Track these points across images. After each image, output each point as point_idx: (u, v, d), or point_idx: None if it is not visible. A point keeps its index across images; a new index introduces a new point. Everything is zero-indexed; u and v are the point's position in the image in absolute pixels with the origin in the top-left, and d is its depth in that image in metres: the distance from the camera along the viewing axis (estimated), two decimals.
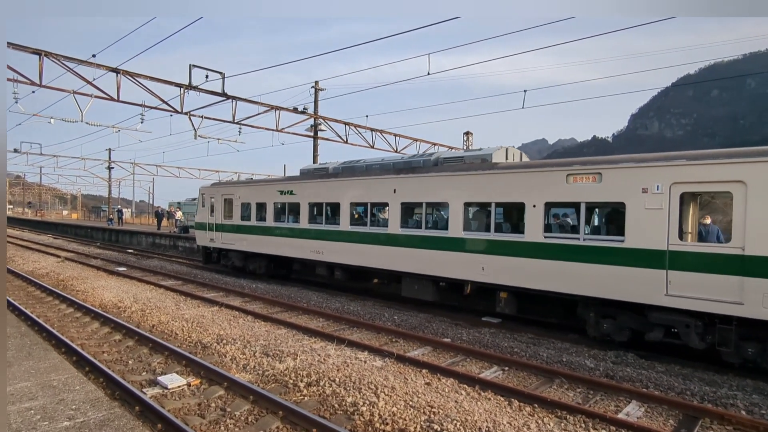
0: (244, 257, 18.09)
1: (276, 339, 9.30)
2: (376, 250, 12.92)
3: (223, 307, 12.30)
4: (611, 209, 9.26)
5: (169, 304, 12.60)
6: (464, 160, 11.56)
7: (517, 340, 9.94)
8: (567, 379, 7.44)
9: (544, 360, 8.36)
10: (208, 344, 8.99)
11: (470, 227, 11.11)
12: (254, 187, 17.34)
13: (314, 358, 8.03)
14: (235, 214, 18.04)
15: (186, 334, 9.71)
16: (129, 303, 12.48)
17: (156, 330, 10.13)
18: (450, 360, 8.47)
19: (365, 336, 10.05)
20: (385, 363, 8.07)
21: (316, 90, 24.45)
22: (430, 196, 11.76)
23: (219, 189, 19.06)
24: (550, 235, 9.71)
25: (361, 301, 13.92)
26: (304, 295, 14.36)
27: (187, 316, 11.00)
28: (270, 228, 16.42)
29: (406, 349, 9.16)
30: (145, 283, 16.02)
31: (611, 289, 8.85)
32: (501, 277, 10.39)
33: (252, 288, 15.28)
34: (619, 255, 8.71)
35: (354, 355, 8.43)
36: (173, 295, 14.02)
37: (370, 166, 13.79)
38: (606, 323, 9.28)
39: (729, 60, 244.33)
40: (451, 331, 10.29)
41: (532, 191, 9.85)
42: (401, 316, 11.53)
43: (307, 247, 14.94)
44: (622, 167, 8.70)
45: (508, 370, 8.02)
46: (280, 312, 12.26)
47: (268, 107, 21.73)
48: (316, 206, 15.06)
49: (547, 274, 9.65)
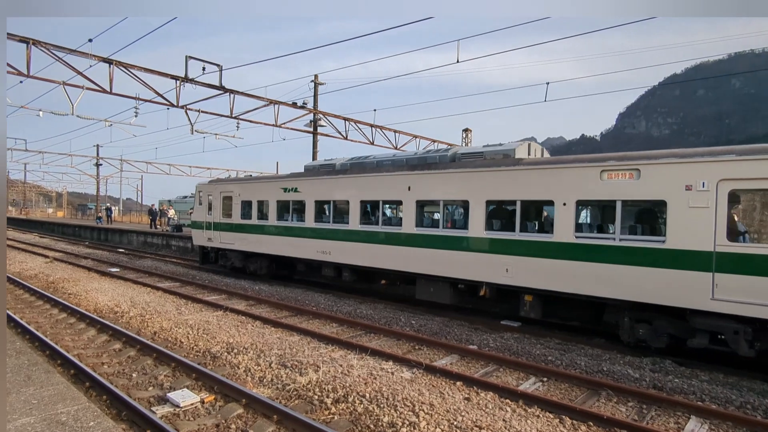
0: (244, 257, 17.32)
1: (291, 347, 8.63)
2: (389, 251, 12.28)
3: (228, 312, 11.58)
4: (650, 208, 8.72)
5: (170, 308, 11.84)
6: (485, 155, 10.96)
7: (545, 346, 9.39)
8: (614, 391, 6.88)
9: (582, 369, 7.80)
10: (218, 354, 8.29)
11: (493, 226, 10.52)
12: (255, 184, 16.58)
13: (337, 370, 7.39)
14: (234, 212, 17.27)
15: (192, 342, 8.99)
16: (126, 307, 11.70)
17: (158, 338, 9.40)
18: (482, 370, 7.87)
19: (385, 343, 9.41)
20: (415, 374, 7.45)
21: (316, 84, 23.72)
22: (448, 193, 11.15)
23: (217, 186, 18.26)
24: (582, 235, 9.15)
25: (371, 303, 13.29)
26: (310, 297, 13.67)
27: (191, 322, 10.27)
28: (272, 227, 15.69)
29: (431, 357, 8.55)
30: (141, 285, 15.21)
31: (649, 292, 8.32)
32: (527, 279, 9.82)
33: (255, 290, 14.55)
34: (660, 256, 8.18)
35: (378, 365, 7.80)
36: (173, 298, 13.25)
37: (380, 162, 13.14)
38: (642, 328, 8.75)
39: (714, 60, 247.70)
40: (475, 337, 9.69)
41: (563, 188, 9.28)
42: (418, 321, 10.91)
43: (313, 247, 14.25)
44: (663, 163, 8.16)
45: (547, 381, 7.44)
46: (289, 316, 11.58)
47: (267, 101, 20.96)
48: (323, 204, 14.37)
49: (578, 276, 9.10)
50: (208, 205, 18.56)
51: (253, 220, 16.46)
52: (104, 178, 56.41)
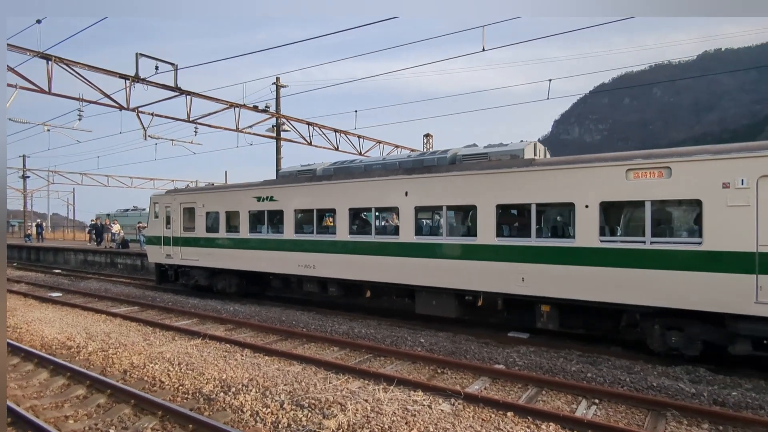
0: (211, 275, 15.66)
1: (297, 380, 7.39)
2: (384, 262, 11.25)
3: (208, 339, 10.08)
4: (683, 208, 8.27)
5: (136, 338, 10.16)
6: (489, 157, 10.22)
7: (570, 359, 8.71)
8: (680, 411, 6.22)
9: (630, 386, 7.12)
10: (212, 395, 6.91)
11: (505, 232, 9.78)
12: (223, 193, 15.02)
13: (365, 407, 6.27)
14: (198, 225, 15.58)
15: (176, 381, 7.53)
16: (82, 340, 9.91)
17: (131, 377, 7.84)
18: (524, 395, 7.01)
19: (402, 367, 8.36)
20: (455, 407, 6.46)
21: (278, 87, 22.33)
22: (452, 198, 10.30)
23: (176, 197, 16.46)
24: (607, 239, 8.57)
25: (362, 320, 12.18)
26: (294, 317, 12.35)
27: (168, 355, 8.74)
28: (245, 240, 14.21)
29: (460, 382, 7.61)
30: (92, 311, 13.23)
31: (684, 297, 7.83)
32: (546, 289, 9.12)
33: (230, 311, 13.01)
34: (696, 259, 7.70)
35: (408, 397, 6.75)
36: (136, 325, 11.50)
37: (369, 167, 12.12)
38: (674, 336, 8.25)
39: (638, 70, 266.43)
40: (496, 354, 8.85)
41: (584, 189, 8.68)
42: (426, 339, 9.91)
43: (293, 260, 12.95)
44: (696, 160, 7.71)
45: (600, 402, 6.69)
46: (279, 341, 10.25)
47: (227, 104, 19.35)
48: (305, 214, 13.12)
49: (603, 283, 8.50)
50: (166, 218, 16.70)
51: (221, 233, 14.88)
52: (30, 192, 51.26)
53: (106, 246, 27.68)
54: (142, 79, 16.58)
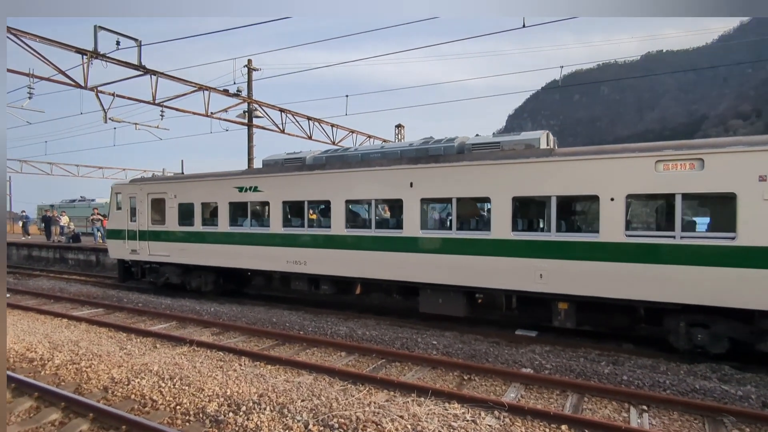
0: (184, 272, 14.35)
1: (315, 394, 6.54)
2: (385, 258, 10.50)
3: (196, 346, 8.99)
4: (716, 201, 7.97)
5: (110, 347, 8.93)
6: (502, 146, 9.64)
7: (593, 360, 8.33)
8: (736, 417, 5.88)
9: (674, 390, 6.74)
10: (220, 415, 5.96)
11: (521, 227, 9.25)
12: (199, 183, 13.71)
13: (404, 426, 5.52)
14: (169, 218, 14.21)
15: (171, 399, 6.49)
16: (45, 351, 8.58)
17: (115, 396, 6.72)
18: (567, 403, 6.49)
19: (424, 374, 7.66)
20: (502, 421, 5.83)
21: (249, 69, 20.92)
22: (463, 189, 9.64)
23: (143, 187, 14.96)
24: (633, 233, 8.19)
25: (358, 320, 11.39)
26: (283, 317, 11.39)
27: (155, 367, 7.62)
28: (224, 234, 13.03)
29: (494, 391, 7.01)
30: (50, 315, 11.72)
31: (714, 294, 7.56)
32: (566, 286, 8.67)
33: (211, 312, 11.86)
34: (729, 254, 7.43)
35: (445, 411, 6.06)
36: (106, 331, 10.19)
37: (366, 156, 11.27)
38: (699, 333, 8.00)
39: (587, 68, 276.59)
40: (517, 356, 8.31)
41: (610, 181, 8.25)
42: (439, 341, 9.23)
43: (282, 256, 11.95)
44: (731, 151, 7.41)
45: (649, 409, 6.25)
46: (276, 346, 9.31)
47: (196, 86, 17.83)
48: (295, 206, 12.11)
49: (629, 279, 8.12)
50: (131, 209, 15.18)
51: (197, 226, 13.60)
52: None
53: (54, 240, 25.29)
54: (102, 54, 14.92)
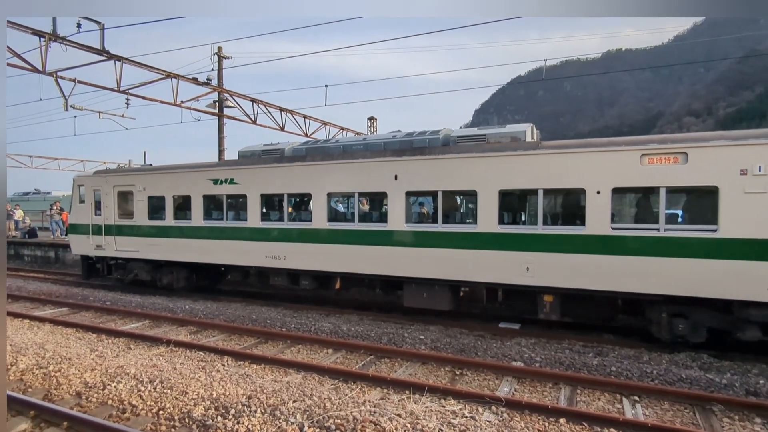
0: (154, 267, 13.73)
1: (306, 394, 6.30)
2: (369, 252, 10.30)
3: (174, 346, 8.57)
4: (699, 195, 8.12)
5: (80, 349, 8.39)
6: (488, 138, 9.58)
7: (578, 351, 8.42)
8: (725, 405, 6.01)
9: (663, 380, 6.86)
10: (207, 419, 5.65)
11: (507, 220, 9.23)
12: (170, 175, 13.08)
13: (404, 425, 5.37)
14: (137, 211, 13.53)
15: (153, 404, 6.11)
16: (7, 355, 7.98)
17: (89, 402, 6.28)
18: (561, 396, 6.50)
19: (415, 370, 7.53)
20: (501, 416, 5.76)
21: (220, 57, 20.18)
22: (449, 182, 9.54)
23: (108, 179, 14.19)
24: (619, 226, 8.28)
25: (339, 315, 11.18)
26: (262, 314, 11.05)
27: (132, 370, 7.19)
28: (198, 228, 12.51)
29: (487, 385, 6.95)
30: (9, 316, 10.95)
31: (697, 285, 7.74)
32: (552, 278, 8.71)
33: (186, 310, 11.37)
34: (711, 246, 7.61)
35: (442, 407, 5.94)
36: (74, 332, 9.60)
37: (348, 147, 11.01)
38: (680, 323, 8.19)
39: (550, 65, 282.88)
40: (506, 349, 8.30)
41: (596, 175, 8.31)
42: (427, 335, 9.14)
43: (260, 251, 11.57)
44: (714, 145, 7.56)
45: (640, 400, 6.33)
46: (258, 344, 8.99)
47: (163, 74, 17.04)
48: (273, 199, 11.73)
49: (614, 271, 8.23)
50: (95, 203, 14.38)
51: (168, 220, 13.01)
52: None
53: (12, 235, 23.75)
54: (61, 37, 14.05)
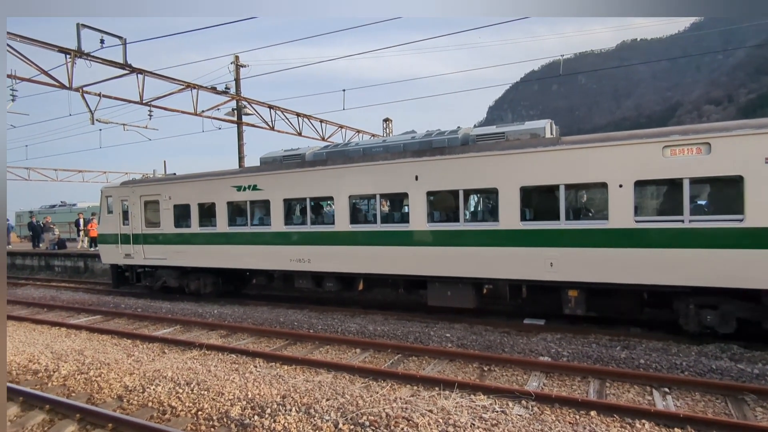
0: (181, 274, 14.08)
1: (338, 392, 6.46)
2: (392, 253, 10.43)
3: (206, 350, 8.82)
4: (723, 184, 8.06)
5: (117, 355, 8.70)
6: (507, 136, 9.63)
7: (605, 345, 8.41)
8: (758, 395, 5.99)
9: (693, 371, 6.85)
10: (245, 419, 5.84)
11: (529, 216, 9.27)
12: (194, 183, 13.42)
13: (436, 420, 5.49)
14: (164, 220, 13.90)
15: (191, 405, 6.34)
16: (50, 362, 8.32)
17: (131, 405, 6.54)
18: (590, 388, 6.53)
19: (443, 367, 7.64)
20: (532, 410, 5.84)
21: (237, 66, 20.55)
22: (470, 181, 9.62)
23: (135, 189, 14.60)
24: (642, 219, 8.26)
25: (365, 316, 11.33)
26: (289, 316, 11.27)
27: (168, 373, 7.45)
28: (223, 235, 12.80)
29: (515, 380, 7.02)
30: (47, 324, 11.38)
31: (723, 276, 7.68)
32: (576, 273, 8.72)
33: (214, 315, 11.66)
34: (737, 236, 7.55)
35: (473, 403, 6.04)
36: (109, 339, 9.94)
37: (368, 150, 11.16)
38: (708, 315, 8.14)
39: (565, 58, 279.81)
40: (532, 345, 8.35)
41: (618, 168, 8.30)
42: (453, 333, 9.25)
43: (284, 255, 11.79)
44: (738, 135, 7.50)
45: (670, 391, 6.33)
46: (288, 345, 9.19)
47: (183, 84, 17.47)
48: (296, 203, 11.96)
49: (639, 264, 8.20)
50: (123, 213, 14.81)
51: (194, 228, 13.34)
52: None
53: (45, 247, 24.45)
54: (86, 53, 14.51)
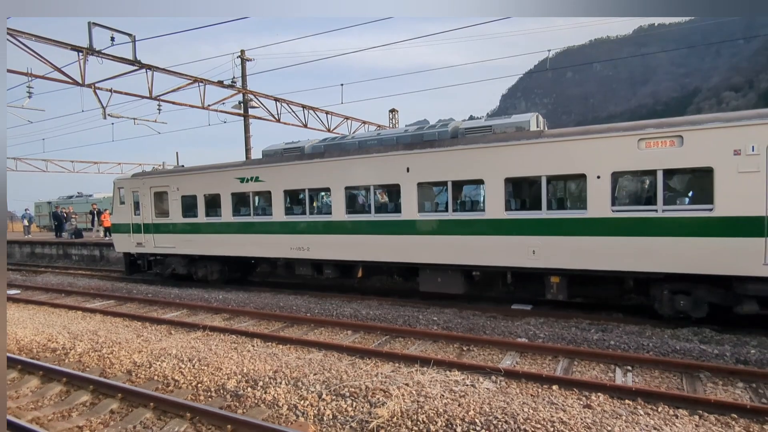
0: (189, 262, 14.80)
1: (325, 368, 7.05)
2: (385, 241, 10.97)
3: (209, 331, 9.49)
4: (695, 175, 8.43)
5: (127, 335, 9.41)
6: (494, 129, 10.05)
7: (583, 328, 8.88)
8: (711, 372, 6.43)
9: (658, 351, 7.30)
10: (239, 390, 6.47)
11: (515, 206, 9.71)
12: (201, 175, 14.07)
13: (410, 392, 6.05)
14: (172, 210, 14.60)
15: (192, 379, 6.99)
16: (66, 341, 9.05)
17: (139, 378, 7.22)
18: (558, 367, 7.03)
19: (426, 347, 8.20)
20: (500, 384, 6.38)
21: (243, 60, 21.10)
22: (457, 173, 10.07)
23: (145, 181, 15.31)
24: (619, 208, 8.67)
25: (360, 301, 11.90)
26: (289, 301, 11.90)
27: (173, 351, 8.12)
28: (228, 224, 13.45)
29: (491, 359, 7.54)
30: (64, 308, 12.18)
31: (695, 262, 8.07)
32: (557, 260, 9.18)
33: (219, 300, 12.35)
34: (707, 225, 7.93)
35: (447, 377, 6.59)
36: (121, 321, 10.67)
37: (364, 143, 11.66)
38: (682, 300, 8.54)
39: (579, 45, 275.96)
40: (512, 328, 8.86)
41: (596, 160, 8.70)
42: (440, 317, 9.80)
43: (285, 243, 12.40)
44: (708, 128, 7.85)
45: (633, 369, 6.80)
46: (285, 327, 9.82)
47: (191, 79, 18.09)
48: (295, 194, 12.54)
49: (616, 252, 8.62)
50: (134, 203, 15.55)
51: (200, 217, 14.01)
52: None
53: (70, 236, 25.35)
54: (97, 51, 15.15)
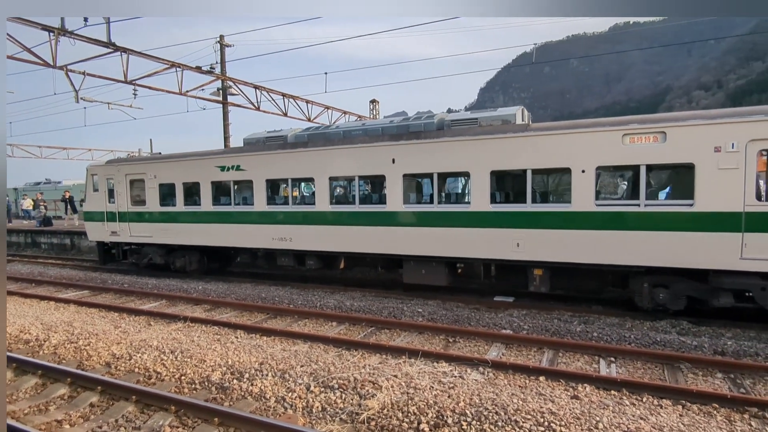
0: (167, 252, 14.44)
1: (312, 360, 6.98)
2: (370, 233, 10.90)
3: (190, 322, 9.28)
4: (676, 171, 8.61)
5: (105, 326, 9.13)
6: (480, 122, 10.05)
7: (566, 320, 9.03)
8: (692, 363, 6.62)
9: (639, 343, 7.48)
10: (225, 383, 6.35)
11: (499, 199, 9.76)
12: (179, 163, 13.69)
13: (399, 383, 6.03)
14: (149, 198, 14.19)
15: (175, 371, 6.83)
16: (40, 332, 8.73)
17: (118, 370, 7.01)
18: (543, 358, 7.13)
19: (412, 339, 8.20)
20: (488, 376, 6.42)
21: (222, 46, 20.58)
22: (443, 165, 10.06)
23: (121, 168, 14.82)
24: (603, 202, 8.80)
25: (344, 293, 11.84)
26: (271, 292, 11.74)
27: (154, 342, 7.91)
28: (208, 213, 13.16)
29: (477, 350, 7.60)
30: (35, 298, 11.74)
31: (675, 256, 8.28)
32: (541, 253, 9.28)
33: (199, 290, 12.10)
34: (688, 220, 8.12)
35: (435, 369, 6.61)
36: (97, 312, 10.34)
37: (348, 133, 11.52)
38: (661, 293, 8.76)
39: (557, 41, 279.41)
40: (497, 319, 8.94)
41: (581, 154, 8.79)
42: (424, 308, 9.81)
43: (266, 233, 12.21)
44: (690, 125, 8.02)
45: (616, 360, 6.95)
46: (268, 319, 9.69)
47: (168, 64, 17.55)
48: (278, 184, 12.34)
49: (599, 245, 8.77)
50: (109, 191, 15.05)
51: (179, 206, 13.66)
52: None
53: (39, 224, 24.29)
54: (69, 31, 14.55)
